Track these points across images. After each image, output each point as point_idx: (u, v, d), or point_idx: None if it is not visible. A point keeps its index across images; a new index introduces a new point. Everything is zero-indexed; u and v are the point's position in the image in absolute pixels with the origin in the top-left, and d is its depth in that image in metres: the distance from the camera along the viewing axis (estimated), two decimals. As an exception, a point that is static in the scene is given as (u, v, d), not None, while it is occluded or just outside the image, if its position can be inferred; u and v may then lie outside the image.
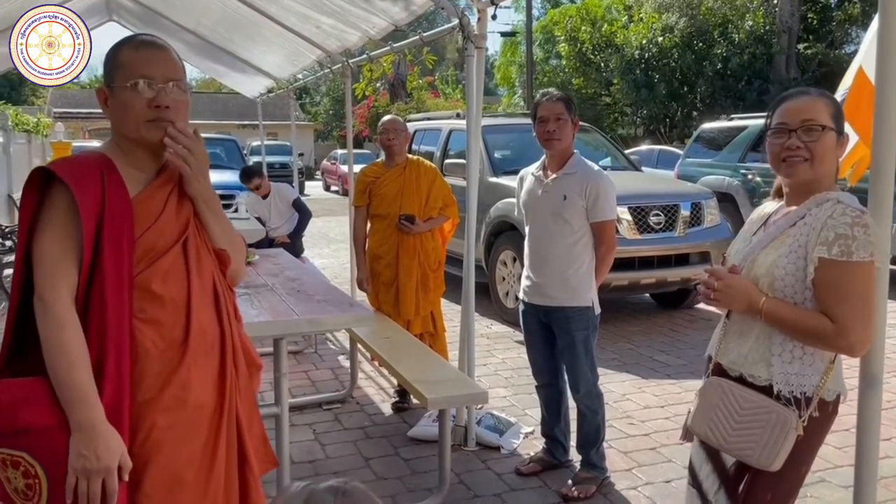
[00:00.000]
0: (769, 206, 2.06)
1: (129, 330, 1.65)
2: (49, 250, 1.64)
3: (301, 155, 18.77)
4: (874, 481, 1.91)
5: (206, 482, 1.74)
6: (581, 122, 3.40)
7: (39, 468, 1.58)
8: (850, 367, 1.90)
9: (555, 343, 3.38)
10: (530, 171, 3.45)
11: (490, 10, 3.82)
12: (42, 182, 1.68)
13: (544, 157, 3.37)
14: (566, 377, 3.43)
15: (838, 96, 3.13)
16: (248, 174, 6.48)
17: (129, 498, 1.64)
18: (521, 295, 3.48)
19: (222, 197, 10.35)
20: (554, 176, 3.27)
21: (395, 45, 5.33)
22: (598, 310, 3.32)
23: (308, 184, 24.77)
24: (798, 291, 1.82)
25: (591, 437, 3.39)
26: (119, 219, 1.66)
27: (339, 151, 25.50)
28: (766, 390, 1.86)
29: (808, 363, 1.83)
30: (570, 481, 3.37)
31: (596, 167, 3.32)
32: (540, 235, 3.31)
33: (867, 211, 1.79)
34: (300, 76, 8.03)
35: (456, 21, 3.80)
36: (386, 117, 4.64)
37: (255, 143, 21.72)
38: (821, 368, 1.83)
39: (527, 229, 3.42)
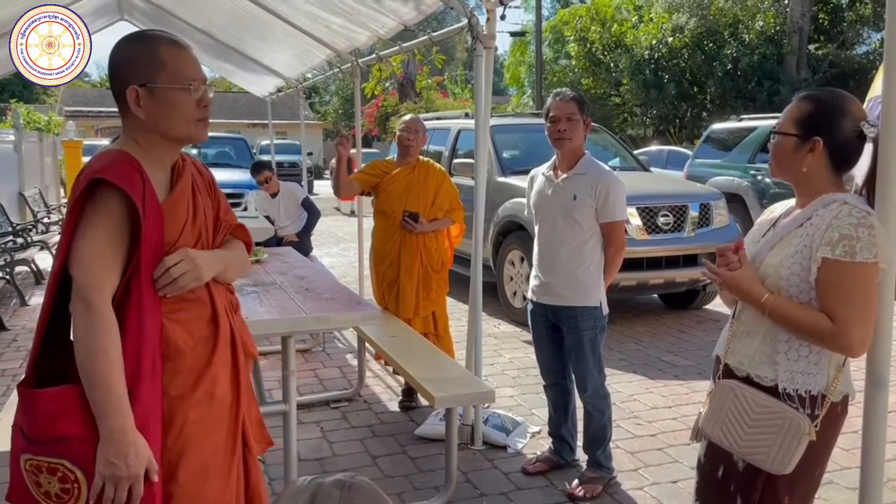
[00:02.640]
0: (779, 207, 2.07)
1: (161, 331, 1.69)
2: (97, 252, 1.64)
3: (310, 154, 18.81)
4: (880, 483, 1.91)
5: (228, 470, 1.82)
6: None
7: (80, 474, 1.60)
8: (858, 370, 1.90)
9: (563, 342, 3.39)
10: (541, 171, 3.45)
11: (499, 10, 3.83)
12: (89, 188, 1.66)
13: (555, 156, 3.38)
14: (573, 377, 3.44)
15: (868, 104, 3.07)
16: (258, 167, 6.53)
17: (165, 489, 1.69)
18: (529, 294, 3.48)
19: (232, 196, 10.41)
20: (564, 176, 3.28)
21: (404, 44, 5.34)
22: (606, 310, 3.32)
23: (317, 183, 24.78)
24: (803, 291, 1.83)
25: (598, 436, 3.39)
26: (155, 223, 1.70)
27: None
28: (773, 391, 1.86)
29: (813, 362, 1.84)
30: (576, 481, 3.38)
31: (606, 167, 3.33)
32: (549, 235, 3.32)
33: (874, 212, 1.79)
34: (309, 75, 8.06)
35: (465, 21, 3.80)
36: (408, 116, 4.63)
37: (264, 142, 21.80)
38: (826, 367, 1.84)
39: (536, 229, 3.43)
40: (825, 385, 1.83)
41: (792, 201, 2.00)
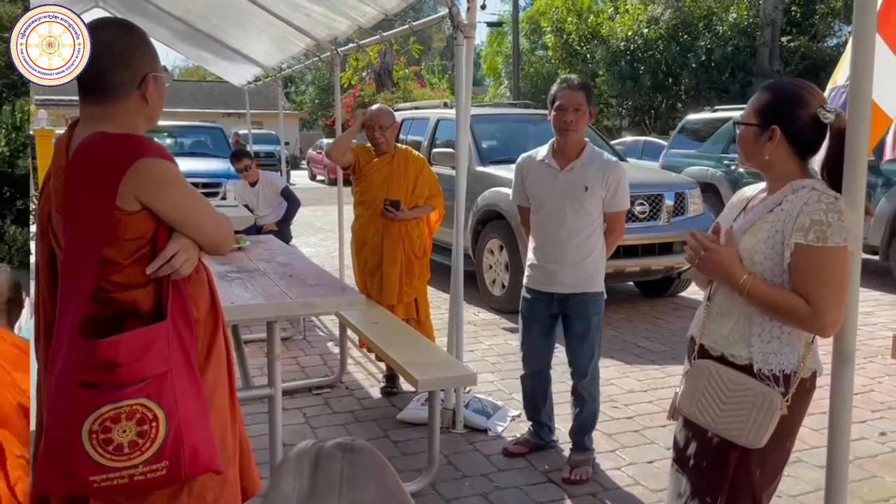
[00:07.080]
0: (749, 190, 2.15)
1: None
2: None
3: (287, 144, 18.71)
4: (846, 458, 1.99)
5: (233, 418, 2.00)
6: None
7: (160, 411, 1.67)
8: (826, 353, 1.98)
9: (555, 331, 3.44)
10: (536, 159, 3.39)
11: (479, 0, 3.87)
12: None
13: (552, 143, 3.36)
14: (572, 363, 3.43)
15: (830, 94, 3.18)
16: (238, 155, 6.53)
17: None
18: (526, 282, 3.45)
19: (210, 185, 10.30)
20: (572, 166, 3.28)
21: (384, 33, 5.35)
22: (605, 294, 3.42)
23: (293, 173, 24.65)
24: (777, 275, 1.90)
25: (588, 423, 3.46)
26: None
27: (325, 140, 25.43)
28: (747, 369, 1.94)
29: (785, 342, 1.92)
30: (567, 466, 3.42)
31: (612, 157, 3.39)
32: (556, 224, 3.29)
33: (841, 197, 1.87)
34: (286, 65, 8.03)
35: (445, 10, 3.84)
36: (373, 108, 4.57)
37: (241, 132, 21.60)
38: (798, 347, 1.92)
39: (535, 217, 3.39)
40: (796, 363, 1.92)
41: (762, 184, 2.08)
